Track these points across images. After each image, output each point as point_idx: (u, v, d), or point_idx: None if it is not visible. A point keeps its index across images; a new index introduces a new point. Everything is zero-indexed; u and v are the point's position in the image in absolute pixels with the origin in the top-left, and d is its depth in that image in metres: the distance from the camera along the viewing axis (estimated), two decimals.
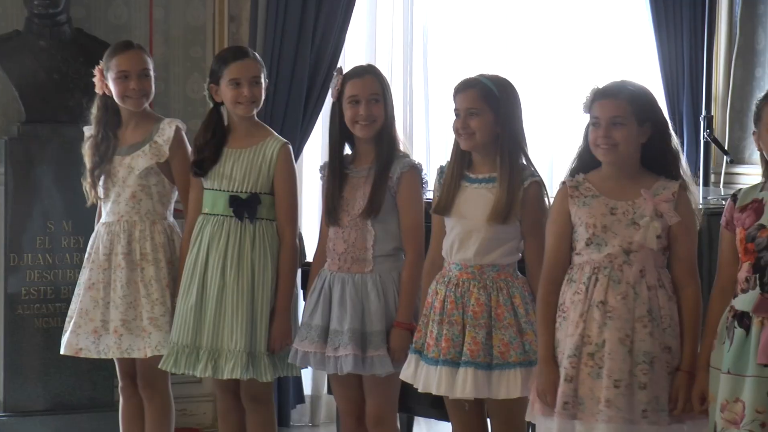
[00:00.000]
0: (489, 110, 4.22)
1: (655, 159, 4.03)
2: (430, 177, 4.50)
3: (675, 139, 4.08)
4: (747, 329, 3.70)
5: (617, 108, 3.97)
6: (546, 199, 4.24)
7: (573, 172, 4.10)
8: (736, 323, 3.74)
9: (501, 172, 4.20)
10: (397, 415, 4.80)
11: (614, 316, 3.91)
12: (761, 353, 3.63)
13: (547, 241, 4.10)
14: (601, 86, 4.04)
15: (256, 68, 4.75)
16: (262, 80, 4.75)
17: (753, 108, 3.82)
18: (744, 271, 3.76)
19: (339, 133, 4.59)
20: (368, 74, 4.57)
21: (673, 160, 4.03)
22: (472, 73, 4.37)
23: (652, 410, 3.88)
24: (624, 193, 4.01)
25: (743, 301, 3.74)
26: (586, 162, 4.09)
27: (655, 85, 6.40)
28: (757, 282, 3.72)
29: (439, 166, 4.41)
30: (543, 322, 4.04)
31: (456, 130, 4.27)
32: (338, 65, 4.80)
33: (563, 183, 4.10)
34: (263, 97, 4.78)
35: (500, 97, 4.23)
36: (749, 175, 5.87)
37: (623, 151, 3.98)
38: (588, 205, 4.02)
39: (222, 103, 4.78)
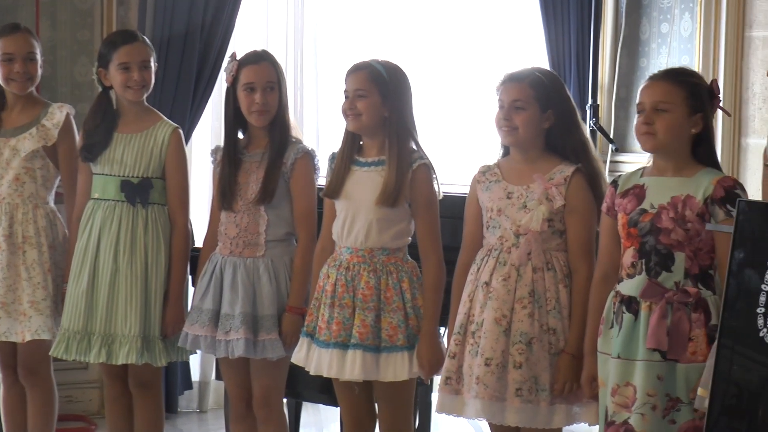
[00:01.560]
0: (377, 92, 4.24)
1: (559, 145, 4.09)
2: (322, 163, 4.51)
3: (583, 128, 4.14)
4: (635, 314, 3.76)
5: (520, 92, 4.04)
6: (435, 182, 4.28)
7: (503, 156, 4.20)
8: (624, 308, 3.80)
9: (389, 155, 4.23)
10: (284, 399, 4.80)
11: (493, 296, 4.00)
12: (650, 338, 3.70)
13: (464, 225, 4.18)
14: (511, 71, 4.11)
15: (146, 52, 4.71)
16: (152, 64, 4.71)
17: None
18: (629, 256, 3.81)
19: (233, 119, 4.58)
20: (264, 61, 4.55)
21: (576, 147, 4.08)
22: (362, 58, 4.39)
23: (528, 389, 3.95)
24: (522, 178, 4.08)
25: (630, 286, 3.80)
26: (506, 146, 4.18)
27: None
28: (644, 267, 3.78)
29: (331, 153, 4.43)
30: (454, 302, 4.14)
31: (344, 111, 4.29)
32: (232, 50, 4.77)
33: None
34: (153, 82, 4.74)
35: (389, 81, 4.25)
36: (633, 163, 5.97)
37: (523, 135, 4.04)
38: (490, 189, 4.11)
39: (111, 87, 4.73)
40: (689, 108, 3.74)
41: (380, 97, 4.24)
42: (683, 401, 3.68)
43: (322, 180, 4.53)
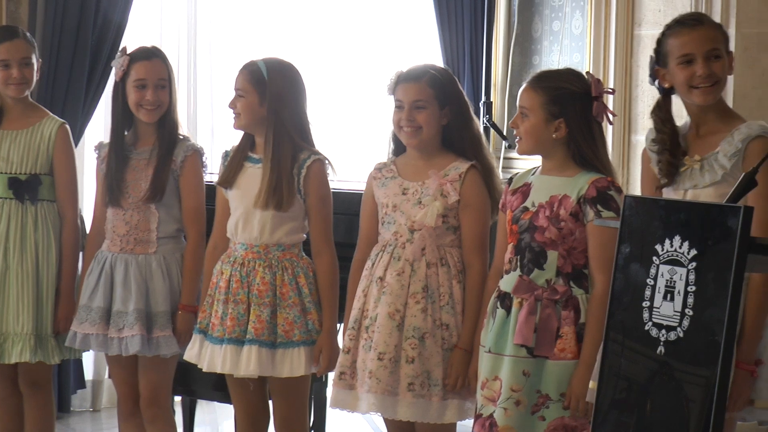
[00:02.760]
0: (255, 93, 4.25)
1: (455, 141, 4.12)
2: (213, 161, 4.51)
3: (476, 123, 4.18)
4: (507, 310, 3.80)
5: (419, 91, 4.06)
6: (329, 176, 4.29)
7: (394, 154, 4.21)
8: (498, 303, 3.84)
9: (265, 156, 4.24)
10: (179, 397, 4.77)
11: (387, 291, 4.02)
12: (517, 333, 3.74)
13: (360, 222, 4.21)
14: (404, 69, 4.12)
15: (26, 49, 4.66)
16: (34, 61, 4.67)
17: None
18: (508, 252, 3.87)
19: (121, 115, 4.55)
20: (155, 57, 4.53)
21: (471, 143, 4.12)
22: (257, 56, 4.38)
23: (421, 384, 3.98)
24: (418, 174, 4.10)
25: (506, 282, 3.84)
26: (399, 144, 4.20)
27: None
28: (518, 263, 3.82)
29: (224, 150, 4.42)
30: (350, 298, 4.15)
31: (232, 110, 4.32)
32: (123, 45, 4.72)
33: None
34: (35, 78, 4.70)
35: (269, 81, 4.25)
36: (525, 159, 6.02)
37: (426, 134, 4.08)
38: (386, 185, 4.13)
39: None
40: (548, 114, 3.78)
41: (258, 97, 4.24)
42: (552, 398, 3.72)
43: (210, 178, 4.53)
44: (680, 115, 3.78)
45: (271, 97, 4.23)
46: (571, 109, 3.77)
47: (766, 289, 3.50)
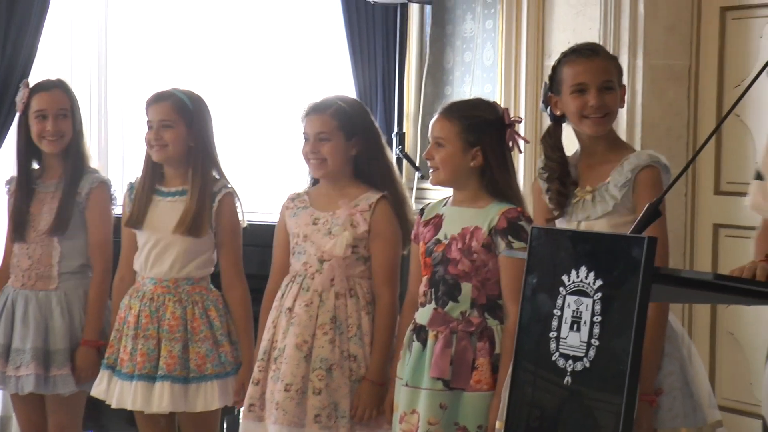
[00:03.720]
0: (182, 123, 4.23)
1: (366, 172, 4.13)
2: (120, 193, 4.47)
3: (388, 153, 4.20)
4: (423, 343, 3.82)
5: (323, 123, 4.08)
6: (239, 210, 4.29)
7: (312, 185, 4.23)
8: (414, 336, 3.85)
9: (192, 184, 4.22)
10: None
11: (295, 322, 4.02)
12: (433, 367, 3.75)
13: (273, 252, 4.21)
14: (314, 101, 4.13)
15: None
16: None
17: None
18: (423, 285, 3.88)
19: (26, 147, 4.50)
20: (56, 88, 4.50)
21: (382, 174, 4.14)
22: (167, 86, 4.37)
23: (328, 416, 3.98)
24: (329, 205, 4.12)
25: (421, 315, 3.86)
26: None
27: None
28: (433, 296, 3.84)
29: (129, 183, 4.39)
30: (261, 329, 4.15)
31: (148, 142, 4.27)
32: (35, 78, 4.69)
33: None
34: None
35: (193, 111, 4.25)
36: (438, 190, 6.05)
37: (332, 166, 4.09)
38: (297, 216, 4.14)
39: None
40: (464, 143, 3.81)
41: (186, 127, 4.24)
42: (469, 430, 3.75)
43: (119, 210, 4.49)
44: (573, 143, 3.81)
45: (197, 127, 4.24)
46: (486, 137, 3.80)
47: (660, 318, 3.55)
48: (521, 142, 3.88)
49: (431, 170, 3.88)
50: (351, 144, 4.10)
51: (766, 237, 3.13)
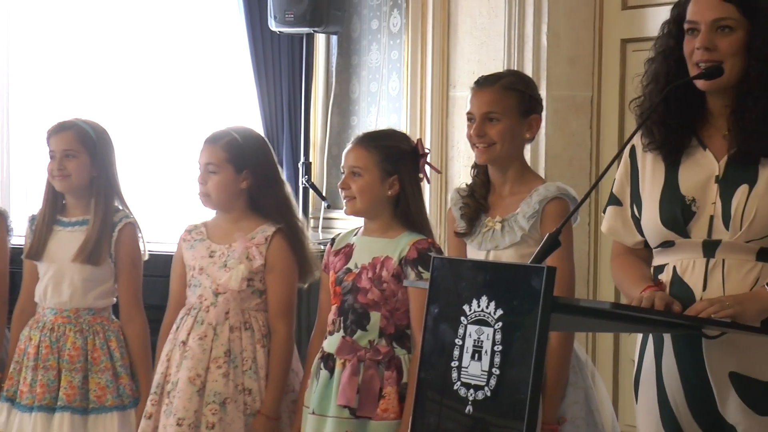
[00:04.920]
0: (85, 153, 4.21)
1: (262, 204, 4.12)
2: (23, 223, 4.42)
3: (284, 185, 4.18)
4: (331, 371, 3.81)
5: (213, 155, 4.06)
6: (140, 241, 4.26)
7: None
8: (322, 364, 3.85)
9: (95, 214, 4.19)
10: None
11: (189, 355, 3.99)
12: (340, 395, 3.75)
13: (170, 284, 4.18)
14: (212, 132, 4.12)
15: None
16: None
17: None
18: (332, 313, 3.88)
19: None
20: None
21: (278, 206, 4.12)
22: (70, 116, 4.34)
23: None
24: (226, 237, 4.09)
25: (329, 343, 3.86)
26: None
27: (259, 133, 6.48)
28: (341, 325, 3.84)
29: (30, 215, 4.35)
30: (157, 362, 4.09)
31: (50, 172, 4.23)
32: None
33: None
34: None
35: (96, 141, 4.23)
36: (345, 220, 6.06)
37: (217, 198, 4.07)
38: (194, 248, 4.10)
39: None
40: (382, 172, 3.82)
41: (89, 157, 4.21)
42: None
43: (16, 240, 4.45)
44: None
45: (100, 157, 4.22)
46: (403, 166, 3.82)
47: (564, 348, 3.58)
48: (430, 173, 3.91)
49: (346, 200, 3.87)
50: (241, 177, 4.07)
51: (632, 263, 3.17)
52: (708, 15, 2.96)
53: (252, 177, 4.07)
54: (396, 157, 3.83)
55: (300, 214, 4.25)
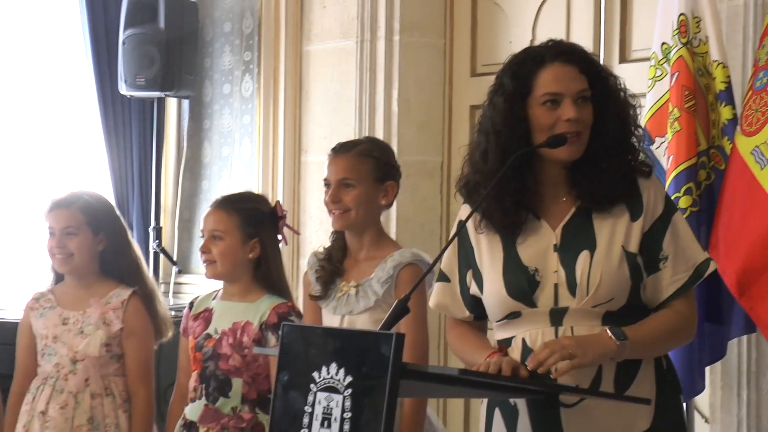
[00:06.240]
0: None
1: (114, 267, 4.08)
2: None
3: (135, 248, 4.16)
4: None
5: (70, 218, 4.02)
6: None
7: (54, 283, 4.14)
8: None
9: None
10: None
11: (50, 425, 3.93)
12: None
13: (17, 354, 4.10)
14: (58, 196, 4.06)
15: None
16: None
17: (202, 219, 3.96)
18: (193, 380, 3.84)
19: None
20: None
21: (130, 269, 4.09)
22: None
23: None
24: (79, 303, 4.05)
25: (191, 411, 3.83)
26: (58, 272, 4.13)
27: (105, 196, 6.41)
28: (203, 392, 3.81)
29: None
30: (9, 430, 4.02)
31: None
32: None
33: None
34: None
35: None
36: (196, 285, 6.02)
37: (78, 261, 4.03)
38: (44, 316, 4.04)
39: None
40: (243, 234, 3.82)
41: None
42: None
43: None
44: None
45: None
46: (263, 229, 3.84)
47: (416, 413, 3.59)
48: (288, 235, 3.92)
49: (206, 263, 3.86)
50: (98, 239, 4.05)
51: (471, 332, 3.18)
52: (572, 87, 3.00)
53: (107, 239, 4.04)
54: (256, 220, 3.84)
55: (151, 276, 4.21)
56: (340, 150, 3.73)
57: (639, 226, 3.00)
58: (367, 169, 3.70)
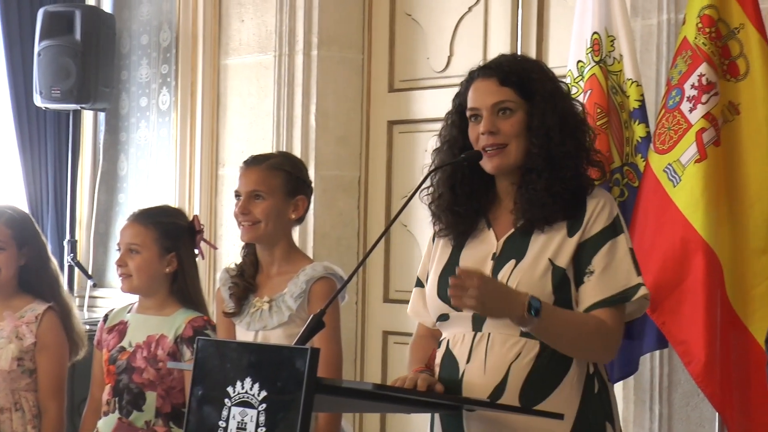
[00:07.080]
0: None
1: (33, 282, 4.07)
2: None
3: (53, 263, 4.14)
4: None
5: None
6: None
7: None
8: None
9: None
10: None
11: None
12: None
13: None
14: None
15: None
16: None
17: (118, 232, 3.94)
18: (106, 393, 3.83)
19: None
20: None
21: (49, 284, 4.08)
22: None
23: None
24: None
25: (105, 425, 3.81)
26: None
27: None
28: (116, 405, 3.78)
29: None
30: None
31: None
32: None
33: None
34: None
35: None
36: (111, 298, 5.98)
37: (5, 275, 4.03)
38: None
39: None
40: (160, 248, 3.81)
41: None
42: None
43: None
44: None
45: None
46: (181, 243, 3.84)
47: (332, 427, 3.60)
48: (205, 249, 3.92)
49: (122, 277, 3.84)
50: (22, 253, 4.02)
51: (421, 345, 3.23)
52: (488, 100, 3.04)
53: (29, 254, 4.01)
54: (174, 234, 3.83)
55: (67, 291, 4.19)
56: (252, 162, 3.73)
57: (574, 242, 3.02)
58: (278, 183, 3.69)
